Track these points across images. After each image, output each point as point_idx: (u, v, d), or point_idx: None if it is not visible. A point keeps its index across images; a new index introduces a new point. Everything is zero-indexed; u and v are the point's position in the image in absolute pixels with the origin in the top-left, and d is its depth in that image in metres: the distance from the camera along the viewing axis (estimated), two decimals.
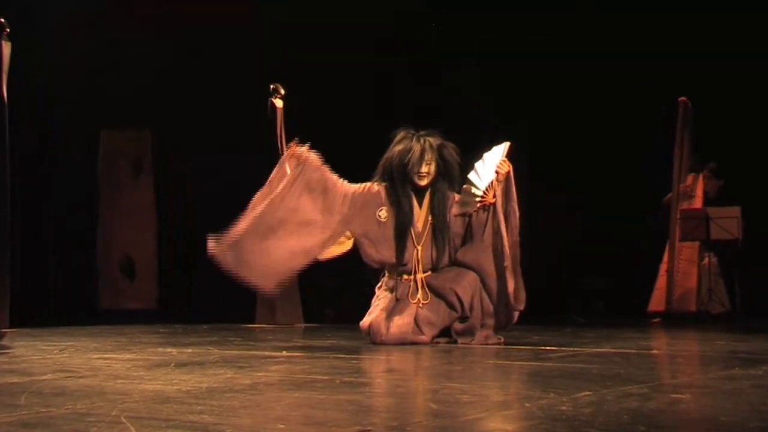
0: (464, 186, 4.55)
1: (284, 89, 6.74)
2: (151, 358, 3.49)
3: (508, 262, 4.28)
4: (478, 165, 4.54)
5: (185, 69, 8.27)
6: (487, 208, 4.43)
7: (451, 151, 4.51)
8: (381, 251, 4.43)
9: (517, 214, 4.36)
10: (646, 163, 7.82)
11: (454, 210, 4.52)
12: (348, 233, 4.42)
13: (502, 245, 4.30)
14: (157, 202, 8.51)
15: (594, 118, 8.29)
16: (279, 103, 6.77)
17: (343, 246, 4.45)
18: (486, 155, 4.53)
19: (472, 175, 4.53)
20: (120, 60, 8.24)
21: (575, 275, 8.71)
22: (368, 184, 4.52)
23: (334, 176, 4.45)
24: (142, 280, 8.34)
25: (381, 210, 4.46)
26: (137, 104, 8.22)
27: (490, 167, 4.46)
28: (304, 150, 4.38)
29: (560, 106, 8.38)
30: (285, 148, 6.69)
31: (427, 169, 4.47)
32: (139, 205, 8.42)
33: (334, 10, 8.20)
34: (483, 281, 4.37)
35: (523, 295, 4.30)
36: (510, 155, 4.47)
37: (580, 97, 8.28)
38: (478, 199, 4.46)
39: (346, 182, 4.49)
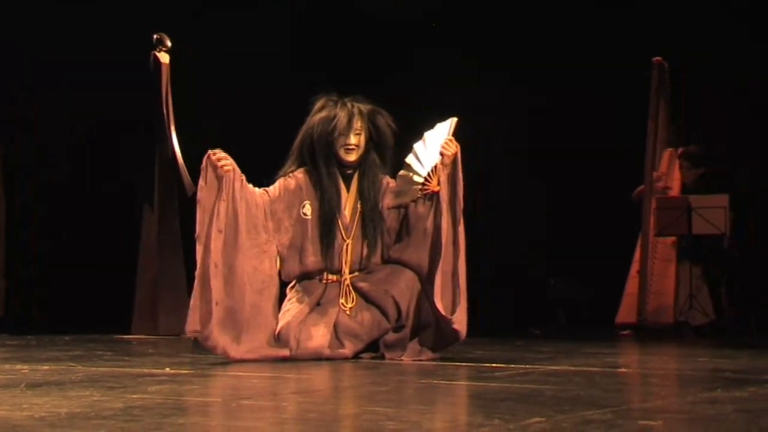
0: (401, 172, 4.53)
1: (170, 41, 6.65)
2: None
3: (446, 265, 4.26)
4: (417, 146, 4.50)
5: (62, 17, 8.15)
6: (430, 197, 4.41)
7: (387, 120, 4.48)
8: (306, 260, 4.40)
9: (461, 206, 4.35)
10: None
11: (388, 201, 4.49)
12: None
13: (440, 244, 4.29)
14: (4, 180, 8.32)
15: (584, 116, 8.65)
16: (164, 57, 6.69)
17: None
18: (427, 134, 4.51)
19: (410, 159, 4.50)
20: None
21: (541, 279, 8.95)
22: (282, 180, 4.45)
23: (252, 190, 4.34)
24: None
25: (304, 205, 4.43)
26: None
27: (433, 149, 4.44)
28: (224, 160, 4.21)
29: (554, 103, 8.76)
30: (170, 112, 6.68)
31: (357, 141, 4.44)
32: None
33: None
34: (423, 285, 4.36)
35: (462, 316, 4.26)
36: (456, 133, 4.46)
37: (572, 95, 8.62)
38: (418, 187, 4.44)
39: (260, 191, 4.39)
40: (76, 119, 8.30)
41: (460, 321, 4.26)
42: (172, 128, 6.69)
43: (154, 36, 6.69)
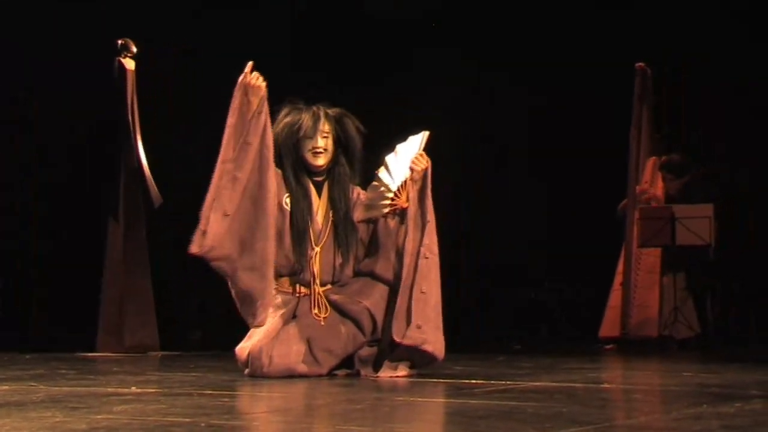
0: (373, 183, 4.42)
1: (136, 46, 6.54)
2: None
3: (406, 284, 4.16)
4: (389, 159, 4.40)
5: None
6: (400, 213, 4.30)
7: (355, 123, 4.36)
8: (284, 247, 4.28)
9: (434, 223, 4.23)
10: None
11: (358, 213, 4.38)
12: None
13: (402, 262, 4.19)
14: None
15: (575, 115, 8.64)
16: (130, 63, 6.56)
17: None
18: (399, 147, 4.39)
19: (382, 171, 4.39)
20: None
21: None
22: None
23: None
24: None
25: (287, 196, 4.34)
26: None
27: (404, 162, 4.33)
28: (260, 83, 4.10)
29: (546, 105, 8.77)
30: (136, 121, 6.56)
31: (324, 144, 4.32)
32: None
33: None
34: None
35: (436, 336, 4.16)
36: (428, 147, 4.34)
37: (573, 95, 8.59)
38: (387, 201, 4.33)
39: None
40: (76, 119, 8.26)
41: (434, 342, 4.18)
42: (138, 137, 6.53)
43: (119, 41, 6.56)
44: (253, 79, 4.09)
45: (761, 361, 5.46)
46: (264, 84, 4.11)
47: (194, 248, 4.02)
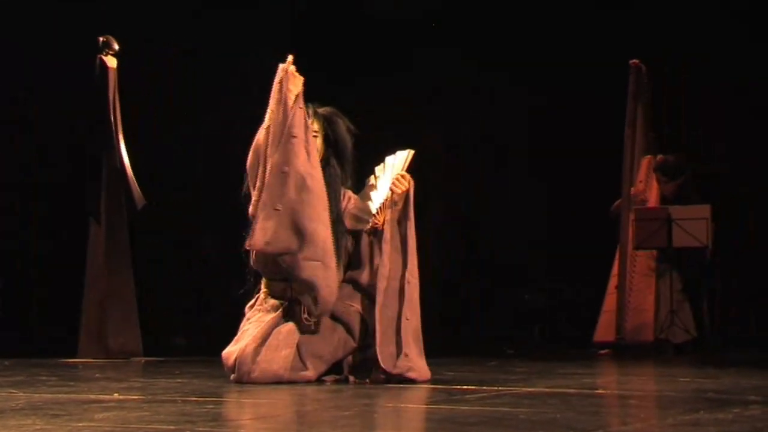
0: (362, 192, 4.37)
1: (118, 44, 6.47)
2: None
3: (389, 311, 4.10)
4: (378, 171, 4.33)
5: None
6: (376, 232, 4.25)
7: (346, 124, 4.32)
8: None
9: (413, 245, 4.17)
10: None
11: (346, 222, 4.32)
12: None
13: (374, 289, 4.14)
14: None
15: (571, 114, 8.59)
16: (111, 61, 6.49)
17: None
18: (388, 159, 4.32)
19: (372, 181, 4.34)
20: None
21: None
22: None
23: None
24: None
25: None
26: None
27: (388, 180, 4.26)
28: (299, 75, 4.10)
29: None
30: (118, 120, 6.49)
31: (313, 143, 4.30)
32: None
33: None
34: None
35: (419, 362, 4.14)
36: (411, 168, 4.28)
37: (573, 95, 8.54)
38: (371, 218, 4.27)
39: None
40: (76, 119, 8.22)
41: (418, 369, 4.14)
42: (121, 136, 6.45)
43: (100, 39, 6.48)
44: (292, 70, 4.08)
45: (759, 366, 5.43)
46: (301, 78, 4.10)
47: (247, 244, 4.04)
